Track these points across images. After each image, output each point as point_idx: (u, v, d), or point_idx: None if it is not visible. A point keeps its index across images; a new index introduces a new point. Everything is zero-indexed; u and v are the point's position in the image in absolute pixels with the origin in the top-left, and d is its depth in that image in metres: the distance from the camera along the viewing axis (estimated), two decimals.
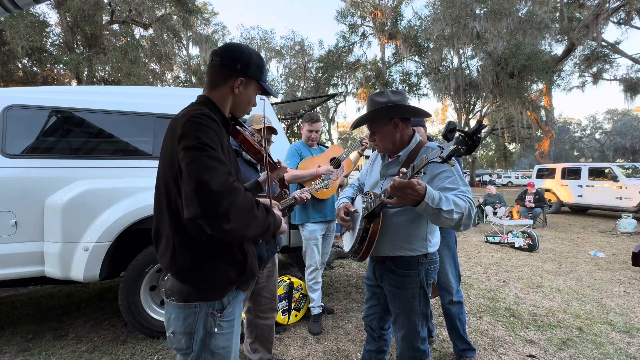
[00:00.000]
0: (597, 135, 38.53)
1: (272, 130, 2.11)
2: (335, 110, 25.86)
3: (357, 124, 1.55)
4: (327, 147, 3.04)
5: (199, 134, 0.87)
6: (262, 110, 2.07)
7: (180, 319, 0.97)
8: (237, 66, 1.03)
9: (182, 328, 0.97)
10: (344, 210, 1.55)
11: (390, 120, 1.42)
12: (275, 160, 1.61)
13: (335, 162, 2.77)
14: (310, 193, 2.07)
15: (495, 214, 7.57)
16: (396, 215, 1.42)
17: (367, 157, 4.73)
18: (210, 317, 0.97)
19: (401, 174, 1.17)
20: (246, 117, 2.17)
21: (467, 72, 18.80)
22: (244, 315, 2.07)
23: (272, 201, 1.24)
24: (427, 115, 1.49)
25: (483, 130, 1.00)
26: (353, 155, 2.97)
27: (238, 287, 1.06)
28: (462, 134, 0.98)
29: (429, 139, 2.16)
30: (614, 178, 9.13)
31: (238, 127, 1.16)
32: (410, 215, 1.40)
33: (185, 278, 0.96)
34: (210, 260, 0.96)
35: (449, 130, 1.01)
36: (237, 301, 1.06)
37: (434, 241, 1.48)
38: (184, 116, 0.92)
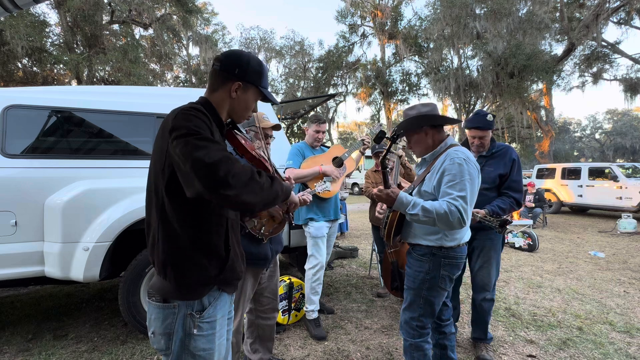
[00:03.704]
0: (597, 135, 38.50)
1: (274, 127, 2.07)
2: (335, 110, 25.82)
3: (396, 136, 1.79)
4: (327, 147, 3.03)
5: (189, 124, 0.89)
6: (262, 109, 2.07)
7: (160, 320, 0.97)
8: (235, 70, 1.05)
9: (162, 329, 0.97)
10: (380, 205, 1.91)
11: (420, 128, 1.66)
12: (283, 174, 1.61)
13: (338, 162, 2.76)
14: (311, 194, 2.08)
15: None
16: None
17: (368, 157, 4.72)
18: (189, 317, 0.97)
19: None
20: None
21: (467, 72, 18.76)
22: (245, 315, 2.07)
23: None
24: (454, 122, 1.74)
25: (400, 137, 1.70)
26: (355, 154, 2.97)
27: (220, 288, 1.04)
28: (387, 138, 1.61)
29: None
30: (614, 178, 9.13)
31: (235, 132, 1.15)
32: None
33: (165, 269, 0.96)
34: (189, 251, 0.97)
35: (378, 137, 1.67)
36: (219, 302, 1.04)
37: (452, 236, 1.60)
38: (174, 111, 0.95)
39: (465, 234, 1.67)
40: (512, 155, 2.26)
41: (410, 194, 1.70)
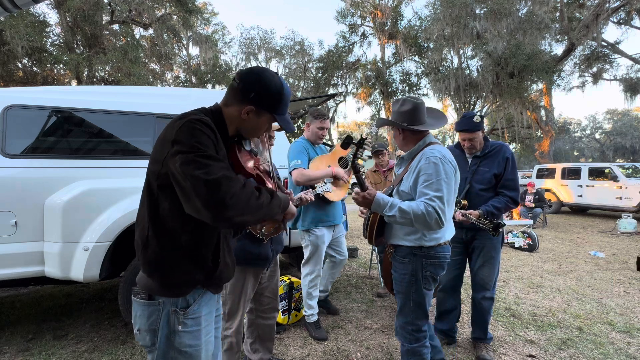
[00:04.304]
0: (597, 135, 38.46)
1: (277, 129, 2.04)
2: (335, 110, 25.79)
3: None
4: (328, 145, 3.01)
5: (192, 140, 0.88)
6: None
7: (145, 316, 0.98)
8: (251, 94, 1.01)
9: (147, 325, 0.98)
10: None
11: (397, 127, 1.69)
12: (287, 175, 1.59)
13: (344, 162, 2.71)
14: (315, 195, 2.03)
15: None
16: None
17: (368, 157, 4.72)
18: (173, 314, 0.98)
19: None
20: None
21: (467, 72, 18.75)
22: (245, 315, 2.07)
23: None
24: (431, 127, 1.65)
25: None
26: None
27: (205, 287, 1.05)
28: (354, 143, 1.74)
29: (485, 139, 2.34)
30: (614, 178, 9.13)
31: (238, 146, 1.13)
32: None
33: (151, 269, 0.97)
34: (178, 256, 0.97)
35: (345, 142, 1.79)
36: (204, 299, 1.05)
37: (431, 236, 1.58)
38: (181, 119, 0.93)
39: (446, 233, 1.63)
40: (505, 153, 2.24)
41: (390, 194, 1.68)
